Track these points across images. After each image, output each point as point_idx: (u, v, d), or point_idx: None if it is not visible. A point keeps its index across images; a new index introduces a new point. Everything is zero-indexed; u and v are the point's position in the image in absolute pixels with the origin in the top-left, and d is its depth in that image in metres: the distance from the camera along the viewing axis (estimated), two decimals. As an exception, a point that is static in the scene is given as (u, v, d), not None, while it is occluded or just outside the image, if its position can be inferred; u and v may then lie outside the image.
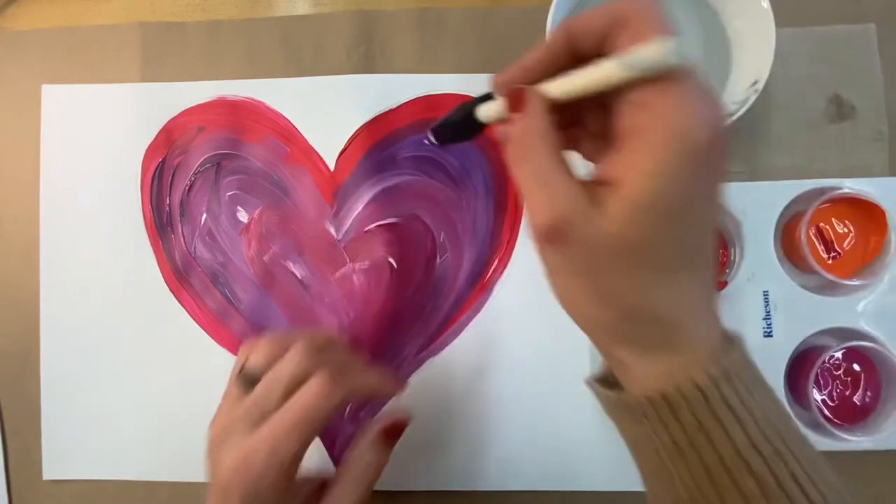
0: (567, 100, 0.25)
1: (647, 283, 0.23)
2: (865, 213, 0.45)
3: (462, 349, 0.48)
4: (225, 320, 0.49)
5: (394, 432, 0.37)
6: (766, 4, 0.40)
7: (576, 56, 0.25)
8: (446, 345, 0.48)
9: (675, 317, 0.23)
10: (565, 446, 0.46)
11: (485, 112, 0.29)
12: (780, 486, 0.22)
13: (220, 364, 0.49)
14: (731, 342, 0.25)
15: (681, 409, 0.23)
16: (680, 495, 0.24)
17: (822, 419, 0.42)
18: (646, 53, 0.21)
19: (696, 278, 0.24)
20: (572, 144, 0.28)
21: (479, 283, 0.48)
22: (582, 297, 0.24)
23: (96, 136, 0.51)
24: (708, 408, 0.22)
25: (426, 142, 0.49)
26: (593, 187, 0.24)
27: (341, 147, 0.49)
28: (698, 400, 0.23)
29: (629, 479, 0.29)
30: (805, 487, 0.22)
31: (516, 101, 0.25)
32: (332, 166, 0.50)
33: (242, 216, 0.50)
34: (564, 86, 0.25)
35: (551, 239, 0.23)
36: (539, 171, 0.24)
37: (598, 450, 0.45)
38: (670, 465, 0.24)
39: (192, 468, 0.49)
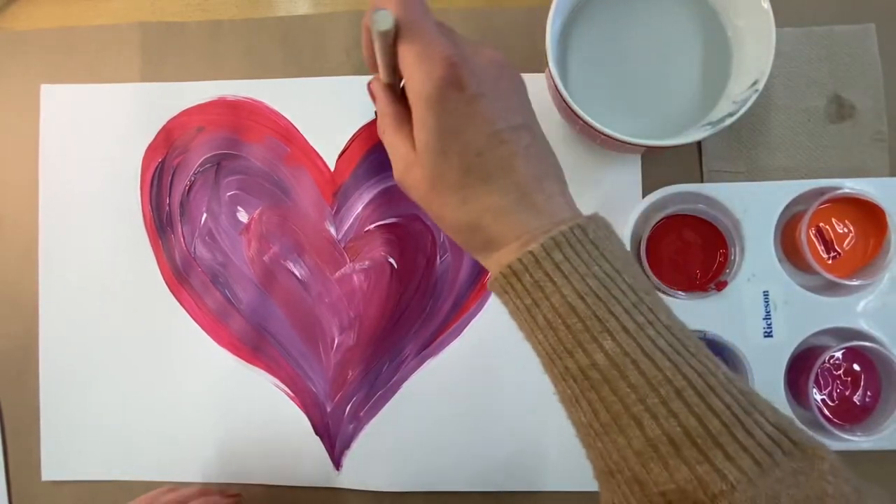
0: (389, 79, 0.32)
1: (454, 203, 0.30)
2: (865, 213, 0.45)
3: (462, 349, 0.48)
4: (225, 320, 0.49)
5: None
6: (766, 4, 0.40)
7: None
8: (446, 345, 0.48)
9: (485, 221, 0.29)
10: (565, 446, 0.46)
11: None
12: (602, 322, 0.26)
13: (219, 364, 0.49)
14: (580, 224, 0.29)
15: (522, 274, 0.28)
16: (541, 356, 0.29)
17: (822, 419, 0.42)
18: (373, 18, 0.27)
19: (494, 188, 0.29)
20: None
21: (479, 283, 0.48)
22: (434, 220, 0.32)
23: (95, 136, 0.51)
24: (540, 268, 0.28)
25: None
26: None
27: (341, 147, 0.49)
28: (532, 264, 0.28)
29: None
30: (623, 321, 0.26)
31: (370, 94, 0.34)
32: (332, 166, 0.49)
33: (242, 216, 0.50)
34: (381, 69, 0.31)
35: (403, 188, 0.32)
36: (389, 141, 0.32)
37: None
38: (527, 328, 0.29)
39: (191, 468, 0.49)
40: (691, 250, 0.46)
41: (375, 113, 0.35)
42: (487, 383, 0.48)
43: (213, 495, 0.45)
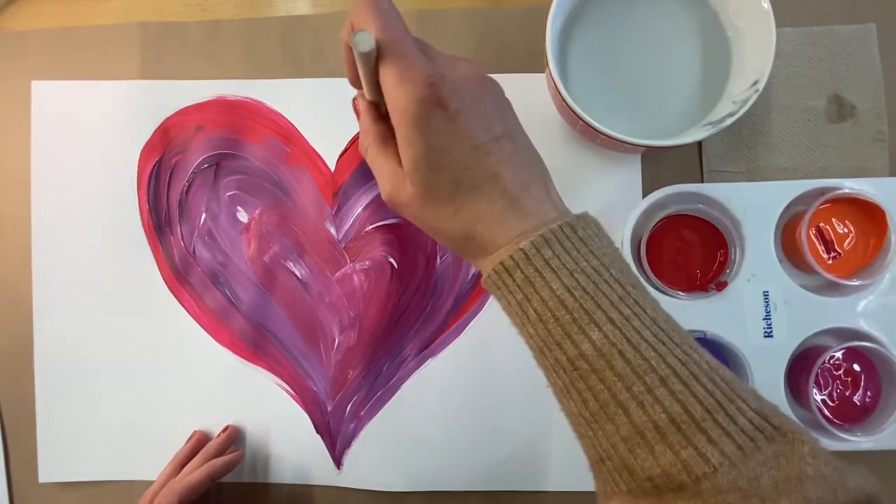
0: (373, 97, 0.31)
1: (446, 216, 0.30)
2: (865, 213, 0.45)
3: (462, 349, 0.48)
4: (226, 320, 0.49)
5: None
6: (766, 4, 0.40)
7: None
8: (446, 345, 0.48)
9: (478, 229, 0.30)
10: (565, 446, 0.46)
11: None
12: (589, 315, 0.27)
13: (220, 363, 0.49)
14: (569, 223, 0.30)
15: (514, 271, 0.29)
16: (533, 350, 0.30)
17: (822, 419, 0.42)
18: (354, 40, 0.27)
19: (483, 198, 0.30)
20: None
21: (479, 283, 0.48)
22: (427, 234, 0.32)
23: (89, 134, 0.51)
24: (531, 264, 0.29)
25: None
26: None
27: (342, 148, 0.49)
28: (522, 261, 0.29)
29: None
30: (610, 313, 0.27)
31: (355, 110, 0.34)
32: (332, 167, 0.49)
33: (242, 216, 0.50)
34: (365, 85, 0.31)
35: (392, 206, 0.32)
36: (372, 159, 0.32)
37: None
38: (519, 322, 0.30)
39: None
40: (691, 250, 0.46)
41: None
42: (487, 383, 0.48)
43: (210, 450, 0.47)
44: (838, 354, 0.45)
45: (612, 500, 0.27)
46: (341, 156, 0.49)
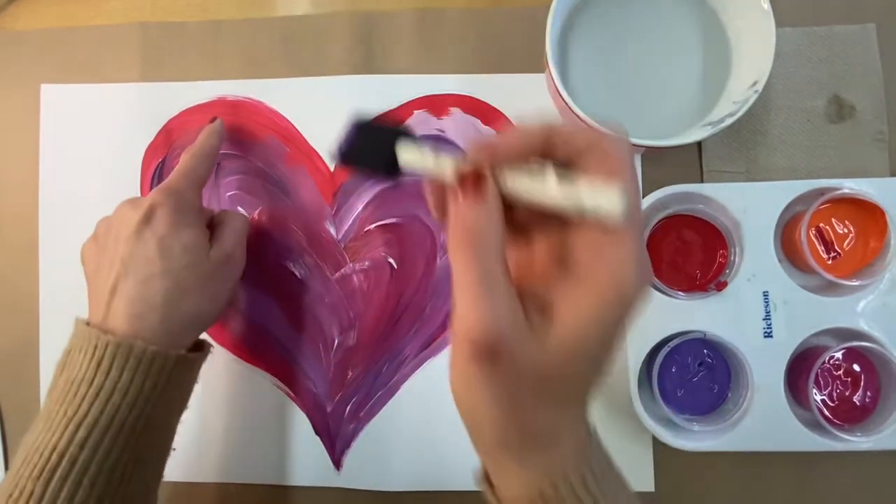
0: (516, 202, 0.25)
1: (552, 408, 0.25)
2: (865, 213, 0.45)
3: (462, 349, 0.48)
4: (225, 319, 0.49)
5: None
6: (766, 5, 0.40)
7: (544, 153, 0.25)
8: (446, 345, 0.48)
9: (558, 432, 0.25)
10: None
11: (410, 160, 0.27)
12: None
13: (219, 363, 0.49)
14: (590, 434, 0.27)
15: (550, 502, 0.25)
16: None
17: (822, 419, 0.42)
18: (600, 200, 0.22)
19: (583, 399, 0.26)
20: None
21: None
22: (484, 408, 0.25)
23: (96, 136, 0.51)
24: (574, 496, 0.25)
25: (328, 158, 0.48)
26: (527, 306, 0.24)
27: (341, 147, 0.49)
28: (570, 494, 0.25)
29: (630, 478, 0.29)
30: None
31: (475, 184, 0.24)
32: (332, 166, 0.49)
33: (242, 216, 0.50)
34: (524, 187, 0.24)
35: (482, 356, 0.23)
36: (487, 273, 0.24)
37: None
38: None
39: (191, 468, 0.49)
40: (691, 250, 0.46)
41: (388, 135, 0.29)
42: (487, 383, 0.48)
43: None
44: (838, 354, 0.45)
45: None
46: (341, 156, 0.49)
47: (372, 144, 0.29)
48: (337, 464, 0.48)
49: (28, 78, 0.52)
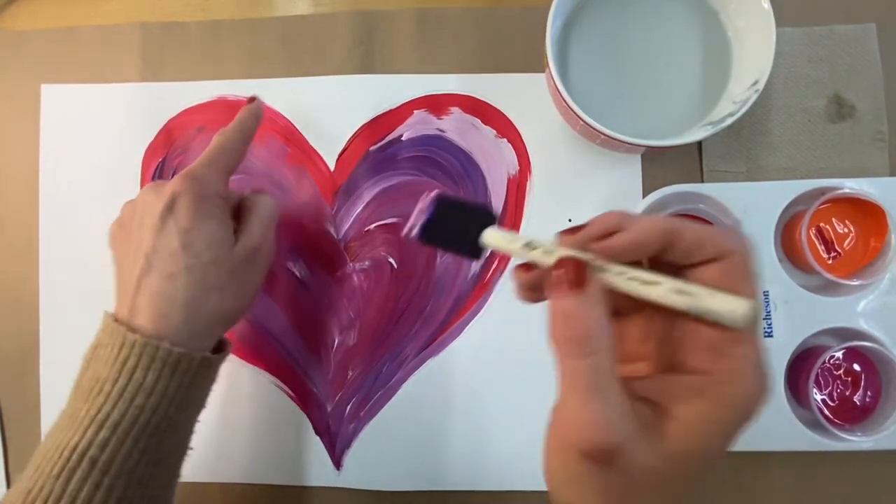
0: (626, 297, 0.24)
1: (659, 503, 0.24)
2: (865, 213, 0.45)
3: (462, 349, 0.48)
4: (225, 320, 0.49)
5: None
6: (766, 4, 0.40)
7: (656, 256, 0.24)
8: (446, 345, 0.48)
9: None
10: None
11: (497, 245, 0.27)
12: None
13: (220, 364, 0.49)
14: None
15: None
16: None
17: (822, 419, 0.42)
18: (723, 308, 0.22)
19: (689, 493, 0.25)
20: None
21: (480, 283, 0.48)
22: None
23: (96, 136, 0.51)
24: None
25: (405, 234, 0.49)
26: (637, 405, 0.23)
27: (341, 147, 0.49)
28: None
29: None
30: None
31: (578, 273, 0.23)
32: (332, 166, 0.49)
33: (242, 216, 0.50)
34: (634, 290, 0.23)
35: (596, 458, 0.22)
36: (598, 373, 0.22)
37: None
38: None
39: (190, 468, 0.49)
40: (691, 250, 0.46)
41: (474, 218, 0.29)
42: (487, 383, 0.48)
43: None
44: (838, 354, 0.45)
45: None
46: (341, 155, 0.49)
47: (456, 225, 0.29)
48: (337, 464, 0.48)
49: (28, 78, 0.52)
